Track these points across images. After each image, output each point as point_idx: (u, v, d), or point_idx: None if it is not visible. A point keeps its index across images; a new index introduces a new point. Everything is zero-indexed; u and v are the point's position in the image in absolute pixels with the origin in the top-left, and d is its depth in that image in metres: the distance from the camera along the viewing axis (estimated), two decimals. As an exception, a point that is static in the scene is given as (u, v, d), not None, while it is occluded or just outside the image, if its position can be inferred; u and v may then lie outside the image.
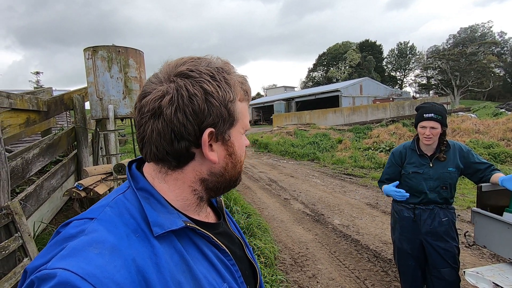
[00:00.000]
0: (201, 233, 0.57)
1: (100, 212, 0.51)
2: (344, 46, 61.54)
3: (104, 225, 0.49)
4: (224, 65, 0.58)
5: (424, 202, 2.03)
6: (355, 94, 29.42)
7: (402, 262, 2.18)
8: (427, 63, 51.65)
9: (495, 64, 44.35)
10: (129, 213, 0.52)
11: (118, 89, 4.08)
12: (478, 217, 1.94)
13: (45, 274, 0.41)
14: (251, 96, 0.64)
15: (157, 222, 0.52)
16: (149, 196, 0.55)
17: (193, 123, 0.53)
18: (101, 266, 0.43)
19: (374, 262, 3.47)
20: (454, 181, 1.99)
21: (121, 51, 4.06)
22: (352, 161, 10.36)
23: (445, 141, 1.98)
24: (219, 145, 0.58)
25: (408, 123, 14.22)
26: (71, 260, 0.42)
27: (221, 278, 0.57)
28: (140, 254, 0.48)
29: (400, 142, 11.49)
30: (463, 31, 55.75)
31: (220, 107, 0.54)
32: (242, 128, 0.61)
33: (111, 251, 0.45)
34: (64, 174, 4.07)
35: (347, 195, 6.40)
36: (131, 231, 0.50)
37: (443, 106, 1.98)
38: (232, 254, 0.62)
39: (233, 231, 0.71)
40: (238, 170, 0.63)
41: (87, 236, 0.46)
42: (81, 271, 0.41)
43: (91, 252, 0.44)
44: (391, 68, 65.15)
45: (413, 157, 2.06)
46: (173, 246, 0.52)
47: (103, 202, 0.55)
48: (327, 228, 4.58)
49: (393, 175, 2.15)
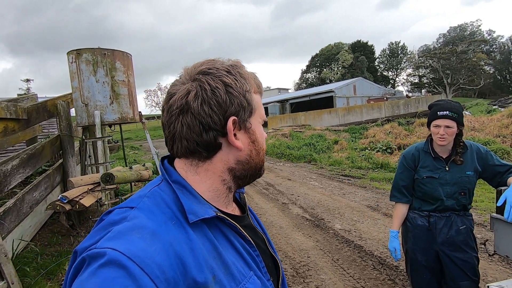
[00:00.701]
0: (230, 223, 0.61)
1: (139, 202, 0.56)
2: (336, 47, 61.90)
3: (144, 213, 0.53)
4: (236, 63, 0.65)
5: (440, 210, 1.85)
6: (349, 95, 29.46)
7: (416, 274, 2.00)
8: (419, 62, 52.13)
9: (485, 62, 44.96)
10: (165, 203, 0.56)
11: (105, 94, 3.86)
12: (498, 224, 1.77)
13: (96, 252, 0.45)
14: (262, 90, 0.69)
15: (192, 210, 0.56)
16: (182, 188, 0.59)
17: (218, 113, 0.58)
18: (144, 248, 0.47)
19: (380, 270, 3.29)
20: (473, 186, 1.81)
21: (107, 54, 3.84)
22: (349, 162, 10.23)
23: (461, 142, 1.80)
24: (242, 134, 0.62)
25: (403, 122, 14.19)
26: (117, 241, 0.46)
27: (247, 266, 0.60)
28: (177, 240, 0.51)
29: (396, 141, 11.41)
30: (453, 30, 56.55)
31: (240, 96, 0.60)
32: (260, 117, 0.66)
33: (151, 236, 0.49)
34: (49, 185, 3.82)
35: (346, 198, 6.24)
36: (168, 219, 0.54)
37: (459, 103, 1.81)
38: (256, 246, 0.65)
39: (255, 226, 0.74)
40: (262, 158, 0.67)
41: (130, 222, 0.50)
42: (127, 251, 0.45)
43: (134, 236, 0.48)
44: (383, 68, 65.69)
45: (427, 160, 1.87)
46: (204, 234, 0.56)
47: (141, 193, 0.59)
48: (328, 234, 4.39)
49: (408, 180, 1.95)
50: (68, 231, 3.92)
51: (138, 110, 4.46)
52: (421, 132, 12.09)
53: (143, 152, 17.27)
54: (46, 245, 3.56)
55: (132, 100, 4.18)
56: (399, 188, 2.00)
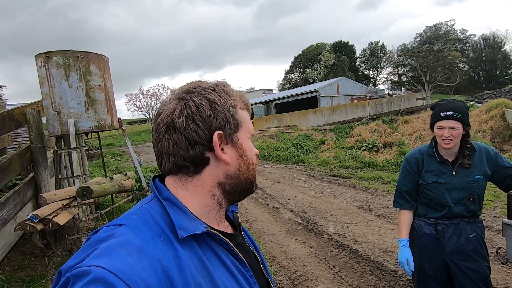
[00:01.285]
0: (221, 240, 0.61)
1: (128, 219, 0.56)
2: (318, 47, 62.68)
3: (131, 229, 0.53)
4: (221, 82, 0.68)
5: (448, 217, 1.72)
6: (333, 94, 29.79)
7: (423, 285, 1.87)
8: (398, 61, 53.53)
9: (459, 60, 46.75)
10: (153, 220, 0.56)
11: (79, 100, 3.55)
12: (511, 230, 1.66)
13: (81, 271, 0.44)
14: (250, 107, 0.70)
15: (181, 226, 0.56)
16: (172, 204, 0.60)
17: (203, 128, 0.60)
18: (130, 264, 0.46)
19: (378, 275, 3.17)
20: (482, 191, 1.70)
21: (80, 57, 3.54)
22: (337, 162, 10.21)
23: (468, 144, 1.68)
24: (230, 148, 0.63)
25: (388, 120, 14.39)
26: (103, 258, 0.46)
27: (239, 286, 0.59)
28: (165, 256, 0.51)
29: (382, 139, 11.51)
30: (429, 30, 58.59)
31: (224, 111, 0.62)
32: (247, 132, 0.67)
33: (138, 252, 0.48)
34: (18, 202, 3.46)
35: (337, 199, 6.15)
36: (156, 235, 0.54)
37: (464, 102, 1.69)
38: (249, 266, 0.64)
39: (249, 245, 0.73)
40: (252, 172, 0.67)
41: (117, 239, 0.50)
42: (113, 268, 0.44)
43: (121, 252, 0.47)
44: (364, 67, 67.09)
45: (432, 164, 1.74)
46: (193, 251, 0.56)
47: (131, 211, 0.60)
48: (322, 239, 4.26)
49: (411, 185, 1.82)
50: (42, 251, 3.58)
51: (117, 116, 4.17)
52: (404, 130, 12.28)
53: (126, 158, 16.67)
54: (16, 269, 3.21)
55: (110, 106, 3.89)
56: (402, 194, 1.87)
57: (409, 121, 13.06)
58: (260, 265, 0.72)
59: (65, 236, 3.76)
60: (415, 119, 13.14)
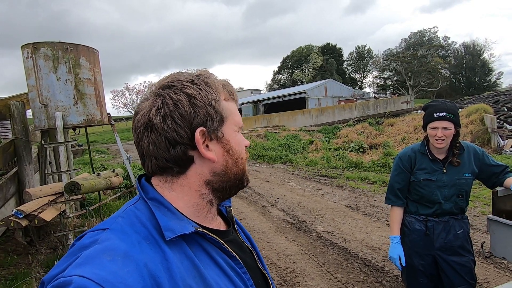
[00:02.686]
0: (211, 238, 0.58)
1: (112, 223, 0.53)
2: (307, 49, 63.35)
3: (116, 234, 0.51)
4: (202, 72, 0.62)
5: (438, 214, 1.79)
6: (321, 96, 30.18)
7: (412, 279, 1.94)
8: (383, 65, 54.98)
9: (441, 66, 48.49)
10: (140, 222, 0.54)
11: (68, 94, 3.45)
12: (495, 226, 1.75)
13: (62, 282, 0.43)
14: (236, 96, 0.66)
15: (168, 227, 0.53)
16: (159, 204, 0.57)
17: (183, 126, 0.56)
18: (114, 271, 0.44)
19: (366, 272, 3.25)
20: (470, 188, 1.78)
21: (69, 49, 3.45)
22: (324, 162, 10.36)
23: (458, 143, 1.76)
24: (215, 144, 0.60)
25: (374, 122, 14.73)
26: (85, 267, 0.44)
27: (232, 284, 0.57)
28: (152, 260, 0.49)
29: (368, 141, 11.77)
30: (413, 36, 60.33)
31: (205, 106, 0.57)
32: (234, 125, 0.62)
33: (123, 257, 0.47)
34: (0, 198, 3.33)
35: (325, 198, 6.24)
36: (142, 238, 0.51)
37: (455, 103, 1.77)
38: (243, 262, 0.62)
39: (243, 241, 0.71)
40: (241, 167, 0.63)
41: (100, 245, 0.48)
42: (95, 276, 0.43)
43: (104, 259, 0.45)
44: (351, 70, 68.31)
45: (424, 162, 1.81)
46: (183, 252, 0.54)
47: (116, 214, 0.57)
48: (312, 237, 4.32)
49: (404, 183, 1.88)
50: (26, 249, 3.45)
51: (106, 111, 4.08)
52: (390, 132, 12.60)
53: (111, 156, 16.29)
54: (-2, 267, 3.09)
55: (100, 101, 3.80)
56: (395, 191, 1.93)
57: (394, 123, 13.42)
58: (255, 260, 0.70)
59: (50, 233, 3.65)
60: (400, 121, 13.51)
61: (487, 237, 3.80)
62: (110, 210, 5.15)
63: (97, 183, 3.77)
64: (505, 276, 2.97)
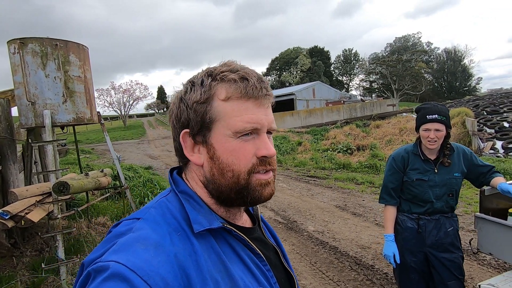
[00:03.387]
0: (237, 235, 0.58)
1: (146, 213, 0.56)
2: (295, 51, 63.95)
3: (148, 224, 0.53)
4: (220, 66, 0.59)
5: (430, 212, 1.86)
6: (309, 97, 30.52)
7: (404, 276, 2.00)
8: (370, 68, 56.22)
9: (424, 71, 50.07)
10: (171, 213, 0.56)
11: (57, 91, 3.36)
12: (482, 223, 1.84)
13: (100, 266, 0.45)
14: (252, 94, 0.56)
15: (197, 220, 0.55)
16: (189, 198, 0.59)
17: (176, 126, 0.60)
18: (147, 260, 0.46)
19: (357, 270, 3.32)
20: (459, 187, 1.87)
21: (59, 45, 3.36)
22: (313, 163, 10.48)
23: (448, 144, 1.83)
24: (203, 148, 0.58)
25: (361, 124, 15.03)
26: (121, 254, 0.46)
27: (256, 281, 0.57)
28: (181, 251, 0.50)
29: (355, 142, 12.00)
30: (398, 40, 61.95)
31: (186, 109, 0.58)
32: (228, 129, 0.56)
33: (155, 247, 0.48)
34: (-16, 198, 3.20)
35: (315, 199, 6.33)
36: (172, 229, 0.53)
37: (445, 106, 1.84)
38: (267, 260, 0.62)
39: (267, 238, 0.70)
40: (231, 180, 0.57)
41: (135, 233, 0.50)
42: (130, 263, 0.45)
43: (138, 247, 0.47)
44: (338, 72, 69.48)
45: (416, 163, 1.88)
46: (210, 246, 0.54)
47: (149, 204, 0.59)
48: (303, 236, 4.37)
49: (397, 182, 1.94)
50: (10, 251, 3.33)
51: (96, 109, 3.99)
52: (376, 134, 12.89)
53: (96, 156, 15.91)
54: (-19, 270, 2.96)
55: (90, 99, 3.72)
56: (389, 191, 1.99)
57: (381, 125, 13.74)
58: (280, 258, 0.69)
59: (36, 234, 3.53)
60: (386, 124, 13.85)
61: (470, 234, 3.96)
62: (98, 211, 5.04)
63: (86, 183, 3.68)
64: (487, 272, 3.10)
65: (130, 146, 19.89)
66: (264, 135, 0.58)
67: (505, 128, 11.21)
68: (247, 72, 0.58)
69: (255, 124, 0.56)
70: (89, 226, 4.29)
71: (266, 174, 0.58)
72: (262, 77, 0.59)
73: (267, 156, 0.57)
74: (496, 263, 3.28)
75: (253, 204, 0.60)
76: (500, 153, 9.42)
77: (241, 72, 0.57)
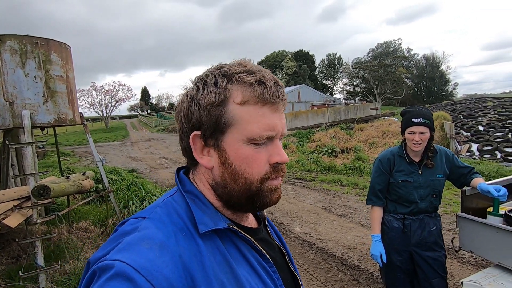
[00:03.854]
0: (243, 236, 0.58)
1: (152, 212, 0.55)
2: (281, 54, 64.58)
3: (154, 223, 0.52)
4: (235, 66, 0.56)
5: (415, 212, 1.93)
6: (294, 100, 30.89)
7: (390, 275, 2.06)
8: (353, 73, 57.61)
9: (405, 75, 51.85)
10: (177, 213, 0.55)
11: (37, 91, 3.23)
12: (463, 222, 1.92)
13: (105, 264, 0.45)
14: (269, 99, 0.54)
15: (202, 220, 0.54)
16: (195, 198, 0.58)
17: (186, 125, 0.57)
18: (152, 260, 0.46)
19: (343, 270, 3.38)
20: (442, 188, 1.94)
21: (40, 44, 3.24)
22: (299, 165, 10.58)
23: (432, 147, 1.91)
24: (214, 151, 0.57)
25: (345, 127, 15.34)
26: (126, 253, 0.46)
27: (262, 283, 0.57)
28: (186, 252, 0.50)
29: (340, 145, 12.23)
30: (380, 46, 63.91)
31: (199, 110, 0.55)
32: (244, 135, 0.54)
33: (160, 247, 0.48)
34: (-45, 203, 3.01)
35: (301, 200, 6.38)
36: (178, 229, 0.52)
37: (429, 109, 1.92)
38: (273, 261, 0.62)
39: (273, 239, 0.70)
40: (243, 186, 0.56)
41: (140, 233, 0.50)
42: (135, 263, 0.44)
43: (143, 247, 0.47)
44: (322, 76, 70.71)
45: (402, 165, 1.94)
46: (216, 246, 0.54)
47: (155, 203, 0.59)
48: (290, 238, 4.39)
49: (384, 184, 1.99)
50: (-16, 259, 3.15)
51: (78, 110, 3.86)
52: (360, 137, 13.20)
53: (76, 158, 15.39)
54: (-48, 280, 2.78)
55: (72, 99, 3.60)
56: (376, 192, 2.04)
57: (364, 128, 14.08)
58: (285, 260, 0.69)
59: (13, 241, 3.36)
60: (369, 127, 14.21)
61: (450, 233, 4.11)
62: (80, 215, 4.86)
63: (68, 186, 3.55)
64: (467, 270, 3.23)
65: (113, 149, 19.36)
66: (277, 141, 0.57)
67: (480, 132, 11.77)
68: (264, 75, 0.55)
69: (271, 132, 0.55)
70: (70, 231, 4.13)
71: (277, 180, 0.58)
72: (278, 80, 0.57)
73: (280, 162, 0.57)
74: (475, 260, 3.43)
75: (261, 209, 0.60)
76: (476, 155, 9.88)
77: (258, 75, 0.54)
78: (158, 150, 17.16)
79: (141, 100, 70.39)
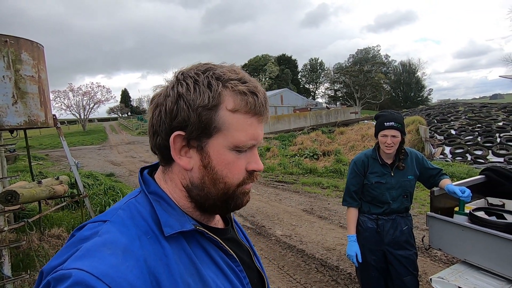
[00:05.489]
0: (210, 237, 0.58)
1: (113, 215, 0.53)
2: (264, 58, 65.03)
3: (116, 227, 0.50)
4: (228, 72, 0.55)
5: (387, 213, 2.00)
6: (277, 104, 31.17)
7: (365, 274, 2.11)
8: (334, 77, 58.99)
9: (383, 81, 53.73)
10: (141, 216, 0.53)
11: (5, 92, 3.08)
12: (432, 221, 2.01)
13: (61, 274, 0.42)
14: (259, 111, 0.56)
15: (167, 223, 0.53)
16: (159, 199, 0.56)
17: (166, 122, 0.54)
18: (115, 265, 0.44)
19: (322, 272, 3.42)
20: (413, 189, 2.02)
21: (9, 42, 3.09)
22: (281, 168, 10.66)
23: (403, 149, 1.99)
24: (195, 153, 0.56)
25: (326, 130, 15.65)
26: (85, 260, 0.43)
27: (229, 283, 0.57)
28: (151, 255, 0.49)
29: (321, 148, 12.44)
30: (360, 52, 65.86)
31: (188, 110, 0.53)
32: (230, 142, 0.54)
33: (123, 252, 0.46)
34: None
35: (283, 203, 6.43)
36: (142, 233, 0.51)
37: (401, 114, 2.00)
38: (240, 260, 0.62)
39: (241, 239, 0.70)
40: (222, 191, 0.57)
41: (101, 237, 0.47)
42: (96, 270, 0.42)
43: (105, 252, 0.45)
44: (305, 81, 71.83)
45: (375, 167, 2.01)
46: (182, 248, 0.53)
47: (117, 205, 0.56)
48: (271, 241, 4.41)
49: (358, 185, 2.05)
50: None
51: (51, 112, 3.71)
52: (340, 140, 13.50)
53: (51, 162, 14.71)
54: None
55: (45, 101, 3.45)
56: (351, 193, 2.10)
57: (344, 132, 14.42)
58: (252, 259, 0.70)
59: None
60: (349, 130, 14.58)
61: (424, 233, 4.27)
62: (52, 222, 4.65)
63: (38, 191, 3.39)
64: (439, 267, 3.37)
65: (90, 152, 18.69)
66: (255, 149, 0.59)
67: (452, 135, 12.36)
68: (256, 86, 0.56)
69: (254, 141, 0.57)
70: (41, 239, 3.94)
71: (249, 184, 0.60)
72: (265, 92, 0.58)
73: (257, 170, 0.59)
74: (446, 258, 3.58)
75: (233, 211, 0.62)
76: (449, 158, 10.36)
77: (251, 85, 0.55)
78: (138, 154, 16.74)
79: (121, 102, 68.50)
